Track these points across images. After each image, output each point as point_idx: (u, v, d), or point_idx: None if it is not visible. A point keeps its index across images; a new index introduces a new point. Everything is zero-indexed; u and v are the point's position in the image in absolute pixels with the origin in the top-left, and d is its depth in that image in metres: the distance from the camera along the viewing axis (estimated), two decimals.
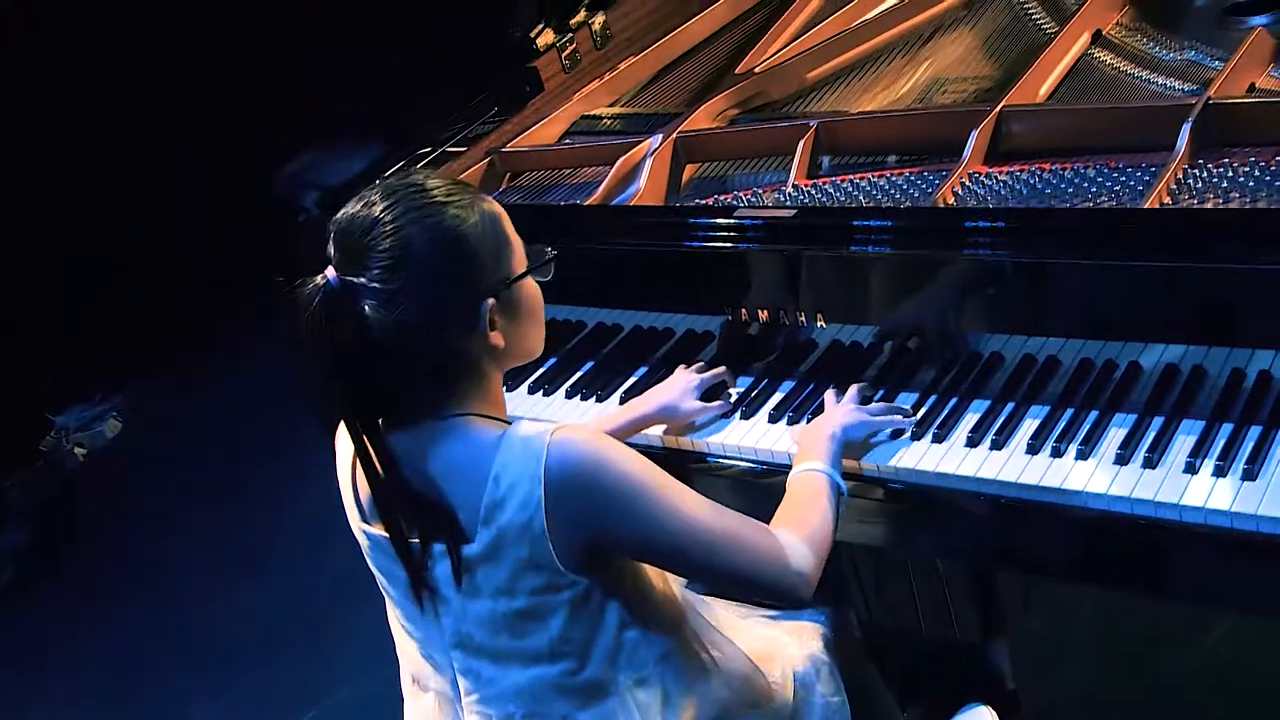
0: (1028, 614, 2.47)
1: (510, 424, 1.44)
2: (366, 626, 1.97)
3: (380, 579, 1.55)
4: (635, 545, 1.42)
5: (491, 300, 1.42)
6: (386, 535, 1.46)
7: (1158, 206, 1.66)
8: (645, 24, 2.78)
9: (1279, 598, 1.48)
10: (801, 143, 2.12)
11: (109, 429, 4.81)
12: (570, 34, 2.65)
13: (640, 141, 2.30)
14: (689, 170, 2.30)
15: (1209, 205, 1.67)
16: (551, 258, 1.51)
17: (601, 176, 2.33)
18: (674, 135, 2.27)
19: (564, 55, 2.64)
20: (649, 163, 2.22)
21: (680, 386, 1.90)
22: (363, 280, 1.36)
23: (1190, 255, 1.54)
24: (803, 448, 1.68)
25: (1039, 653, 2.38)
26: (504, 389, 1.59)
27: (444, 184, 1.42)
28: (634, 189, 2.22)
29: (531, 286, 1.49)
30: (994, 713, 2.19)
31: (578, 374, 2.13)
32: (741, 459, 1.87)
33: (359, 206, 1.40)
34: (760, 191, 2.13)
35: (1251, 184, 1.68)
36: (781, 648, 1.70)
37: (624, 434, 1.85)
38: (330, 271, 1.38)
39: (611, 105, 2.63)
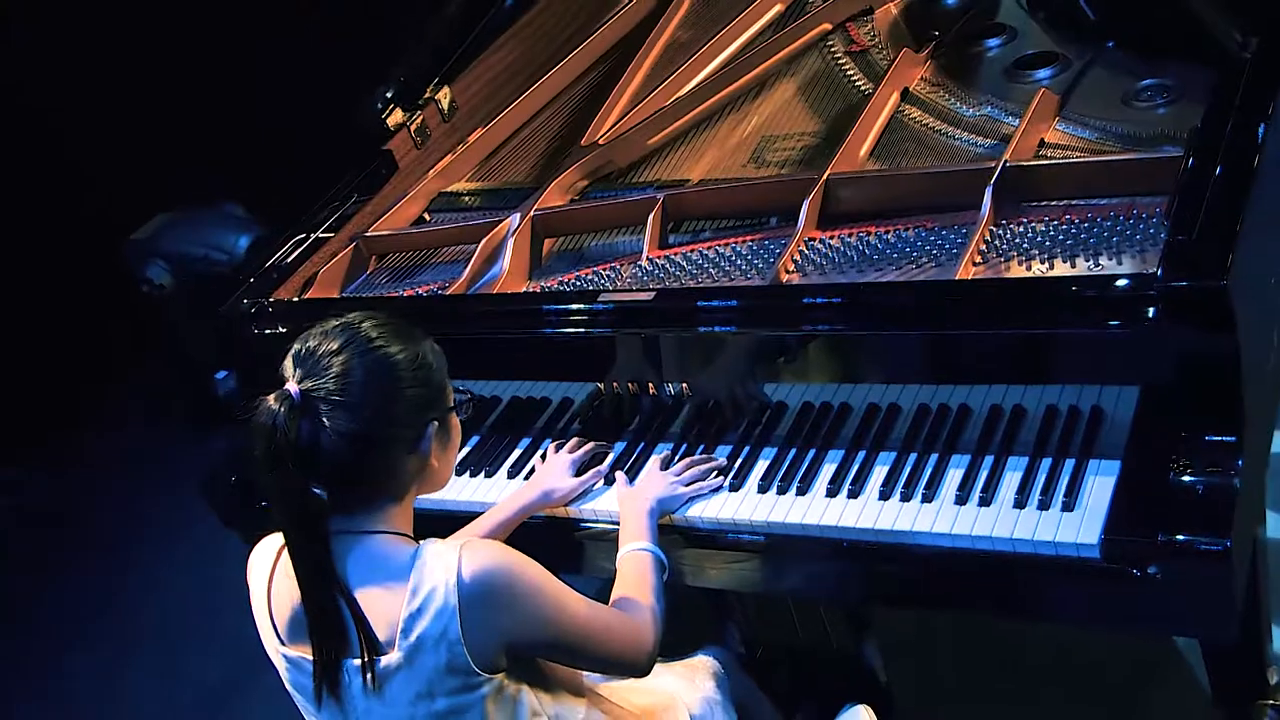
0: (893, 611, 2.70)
1: (409, 537, 1.60)
2: None
3: (300, 700, 1.67)
4: (538, 643, 1.60)
5: (436, 422, 1.59)
6: (305, 655, 1.59)
7: (970, 277, 1.89)
8: (488, 92, 2.91)
9: (1107, 611, 1.72)
10: (651, 216, 2.30)
11: None
12: (418, 110, 2.77)
13: (499, 220, 2.45)
14: (548, 244, 2.46)
15: (1013, 264, 1.91)
16: (471, 398, 1.72)
17: (465, 255, 2.48)
18: (531, 214, 2.42)
19: (414, 132, 2.76)
20: (510, 244, 2.37)
21: (557, 470, 2.07)
22: (323, 393, 1.51)
23: (1002, 322, 1.76)
24: (624, 525, 1.90)
25: (905, 645, 2.62)
26: None
27: (387, 324, 1.61)
28: (498, 269, 2.37)
29: (456, 421, 1.67)
30: (871, 710, 2.43)
31: (465, 450, 2.27)
32: (603, 520, 2.05)
33: (318, 340, 1.56)
34: (618, 266, 2.30)
35: (1048, 243, 1.93)
36: (676, 696, 1.89)
37: (514, 524, 2.01)
38: (292, 385, 1.53)
39: (467, 180, 2.76)
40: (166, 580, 3.90)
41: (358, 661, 1.56)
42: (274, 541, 1.66)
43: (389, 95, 2.73)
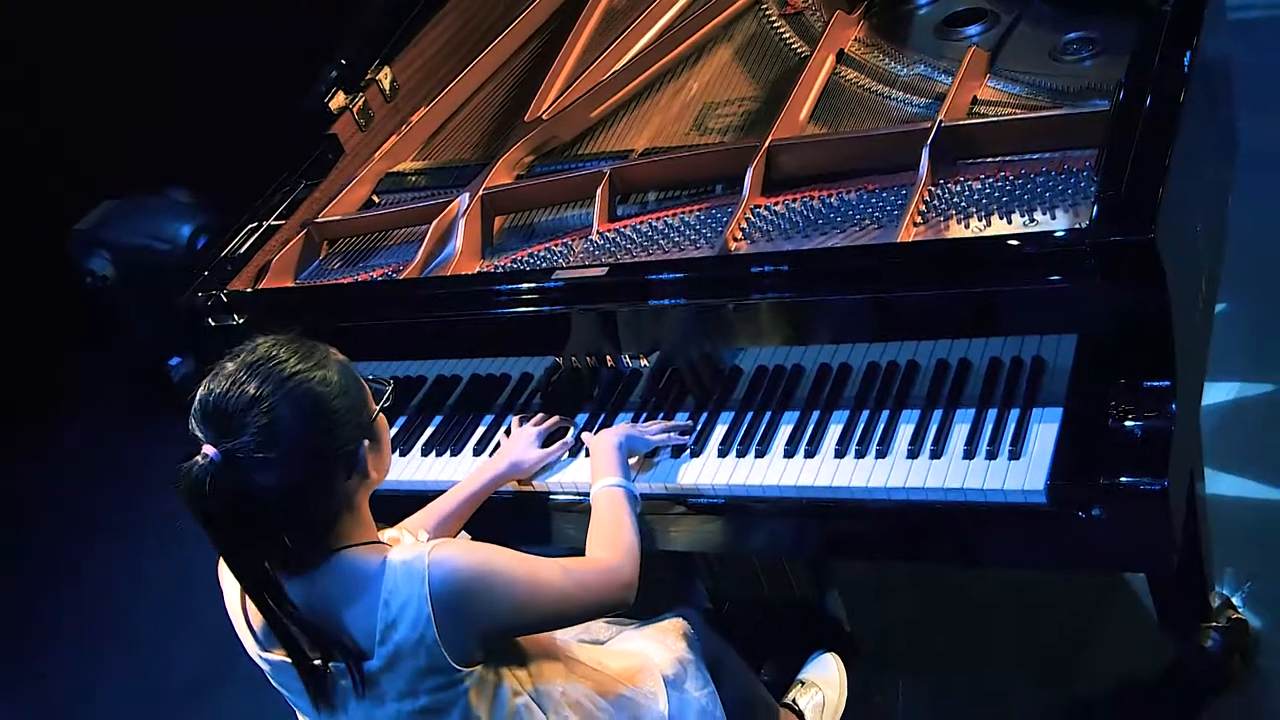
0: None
1: (382, 543, 1.63)
2: None
3: (287, 696, 1.72)
4: (516, 627, 1.65)
5: (366, 441, 1.58)
6: (285, 659, 1.62)
7: (911, 238, 1.95)
8: (429, 70, 2.92)
9: (1056, 553, 1.80)
10: (599, 190, 2.34)
11: None
12: (360, 92, 2.78)
13: (449, 200, 2.48)
14: (498, 221, 2.50)
15: (952, 223, 1.98)
16: (391, 389, 1.66)
17: (417, 236, 2.51)
18: (480, 193, 2.45)
19: (357, 114, 2.77)
20: (461, 225, 2.40)
21: (523, 442, 2.11)
22: (247, 452, 1.46)
23: (944, 282, 1.83)
24: (594, 464, 1.95)
25: (866, 592, 2.71)
26: None
27: (296, 348, 1.54)
28: (451, 249, 2.40)
29: (383, 419, 1.65)
30: (837, 657, 2.53)
31: (429, 431, 2.32)
32: (570, 492, 2.10)
33: (227, 385, 1.48)
34: (569, 241, 2.34)
35: (984, 200, 1.99)
36: (649, 658, 1.95)
37: (484, 496, 2.06)
38: (209, 449, 1.47)
39: (413, 159, 2.78)
40: (131, 570, 3.90)
41: (342, 666, 1.60)
42: None
43: (331, 78, 2.74)
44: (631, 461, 2.01)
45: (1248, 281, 2.86)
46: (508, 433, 2.20)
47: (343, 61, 2.78)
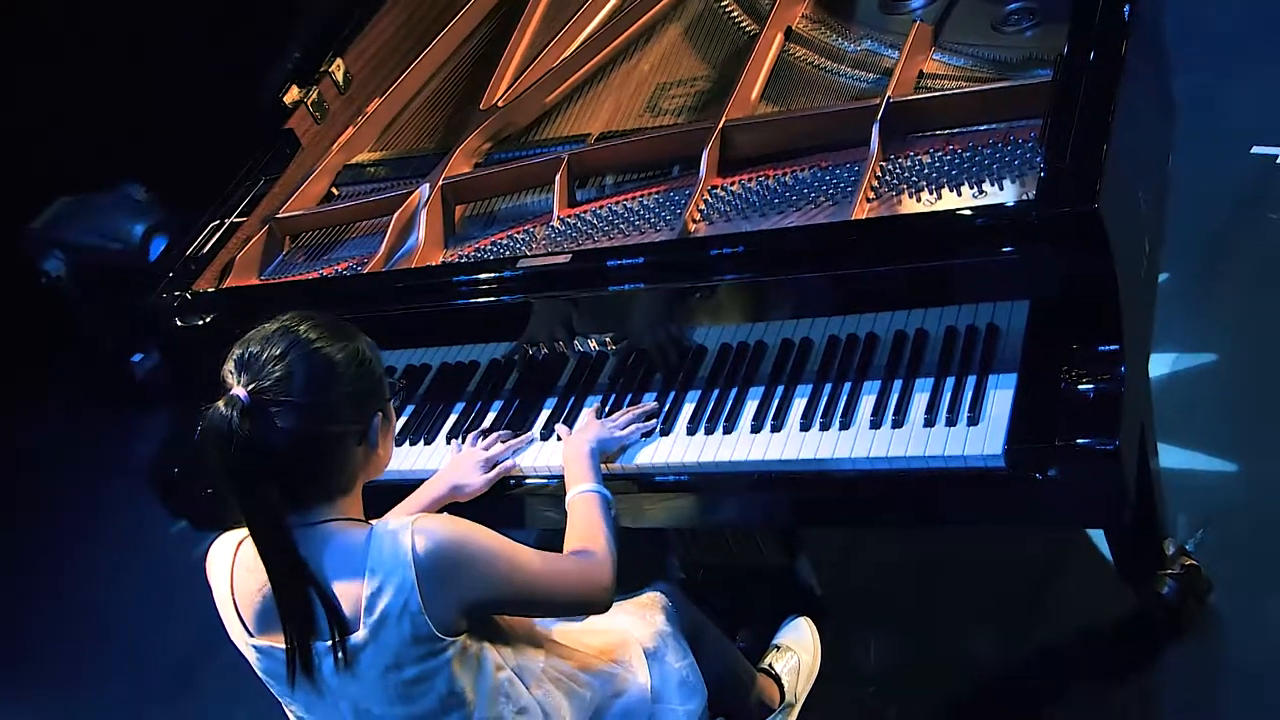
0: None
1: (365, 521, 1.69)
2: None
3: (273, 686, 1.76)
4: (496, 601, 1.71)
5: (380, 414, 1.68)
6: (274, 644, 1.67)
7: (865, 215, 2.01)
8: (381, 58, 2.93)
9: (1016, 513, 1.88)
10: (558, 177, 2.38)
11: None
12: (313, 85, 2.79)
13: (409, 192, 2.51)
14: (459, 210, 2.53)
15: (904, 198, 2.04)
16: (405, 384, 1.83)
17: (379, 227, 2.54)
18: (440, 183, 2.48)
19: (311, 106, 2.78)
20: (423, 216, 2.43)
21: (468, 465, 2.14)
22: (270, 396, 1.58)
23: (898, 256, 1.89)
24: (568, 469, 2.00)
25: (835, 555, 2.78)
26: None
27: (324, 324, 1.66)
28: (414, 240, 2.43)
29: (392, 409, 1.75)
30: (810, 620, 2.60)
31: (401, 421, 2.35)
32: (542, 476, 2.15)
33: (259, 344, 1.62)
34: (531, 228, 2.38)
35: (934, 174, 2.05)
36: (628, 633, 2.01)
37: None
38: (239, 390, 1.58)
39: (370, 150, 2.80)
40: (102, 566, 3.92)
41: (327, 643, 1.65)
42: (230, 539, 1.74)
43: (284, 71, 2.75)
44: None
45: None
46: (451, 433, 2.24)
47: (295, 54, 2.80)
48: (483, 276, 2.18)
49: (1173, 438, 2.54)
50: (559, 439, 2.14)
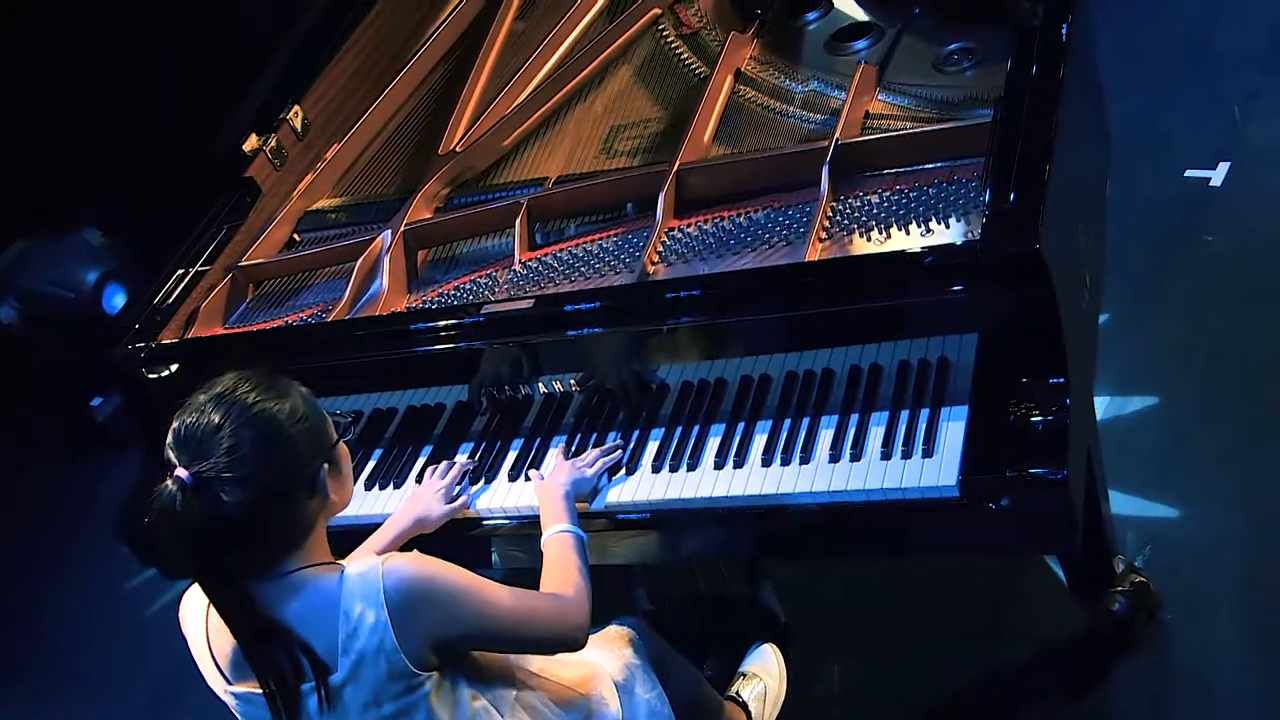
0: None
1: (335, 563, 1.72)
2: None
3: None
4: (467, 637, 1.74)
5: (326, 464, 1.70)
6: (253, 690, 1.70)
7: (818, 256, 2.08)
8: (338, 104, 2.97)
9: (970, 541, 1.95)
10: (517, 221, 2.43)
11: None
12: (271, 132, 2.82)
13: (372, 238, 2.55)
14: (421, 254, 2.58)
15: (855, 238, 2.11)
16: (353, 420, 1.80)
17: (342, 273, 2.58)
18: (402, 230, 2.53)
19: (271, 154, 2.82)
20: (386, 262, 2.48)
21: (428, 496, 2.19)
22: (215, 473, 1.59)
23: (850, 296, 1.96)
24: (543, 511, 2.04)
25: (797, 581, 2.84)
26: None
27: (257, 380, 1.67)
28: (378, 286, 2.48)
29: (344, 448, 1.77)
30: (775, 646, 2.66)
31: (370, 464, 2.39)
32: (510, 517, 2.20)
33: (195, 416, 1.62)
34: (494, 272, 2.42)
35: (883, 214, 2.13)
36: (599, 665, 2.06)
37: (391, 549, 2.12)
38: (181, 471, 1.60)
39: (331, 196, 2.84)
40: (67, 605, 3.91)
41: (308, 684, 1.68)
42: (200, 589, 1.75)
43: (242, 120, 2.79)
44: None
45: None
46: (420, 476, 2.28)
47: (253, 102, 2.83)
48: (448, 323, 2.22)
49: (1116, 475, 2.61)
50: (526, 479, 2.18)
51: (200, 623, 1.75)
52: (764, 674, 2.58)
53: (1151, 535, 2.58)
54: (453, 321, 2.22)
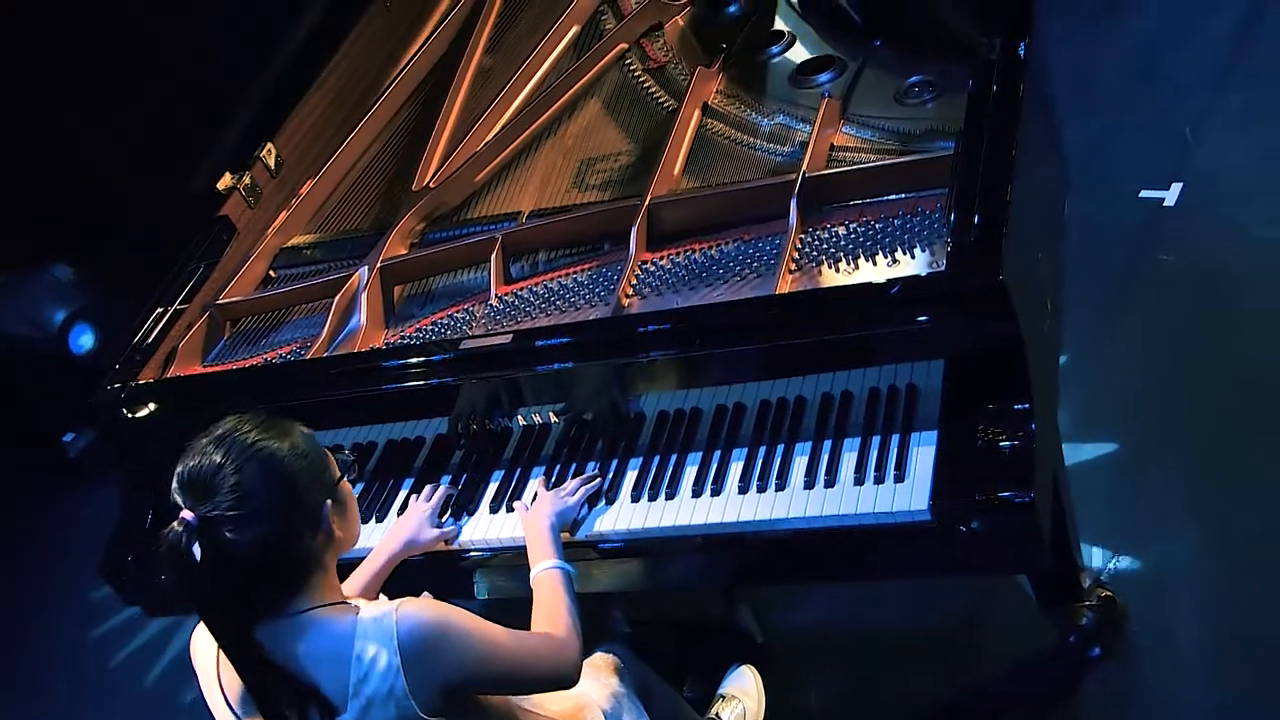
0: None
1: (348, 604, 1.75)
2: None
3: None
4: (475, 682, 1.78)
5: (330, 501, 1.73)
6: None
7: (789, 288, 2.14)
8: (310, 140, 3.01)
9: (941, 563, 2.01)
10: (493, 257, 2.48)
11: None
12: (245, 170, 2.86)
13: (349, 275, 2.59)
14: (398, 290, 2.62)
15: (824, 269, 2.17)
16: (356, 458, 1.81)
17: (318, 310, 2.62)
18: (379, 266, 2.57)
19: (244, 191, 2.85)
20: (364, 299, 2.52)
21: (416, 520, 2.23)
22: (219, 513, 1.63)
23: (819, 327, 2.02)
24: (531, 546, 2.08)
25: (773, 602, 2.90)
26: None
27: (257, 421, 1.71)
28: (356, 322, 2.51)
29: (347, 485, 1.81)
30: (753, 667, 2.71)
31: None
32: (492, 549, 2.24)
33: (198, 459, 1.66)
34: (471, 307, 2.47)
35: (850, 245, 2.19)
36: (587, 695, 2.10)
37: (385, 574, 2.17)
38: (187, 514, 1.64)
39: (305, 233, 2.87)
40: (42, 641, 3.90)
41: None
42: None
43: (216, 159, 2.82)
44: None
45: None
46: (402, 509, 2.32)
47: (227, 141, 2.87)
48: (427, 359, 2.26)
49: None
50: (508, 511, 2.22)
51: (211, 658, 1.77)
52: (743, 695, 2.62)
53: (1116, 551, 2.64)
54: (434, 357, 2.26)
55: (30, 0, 3.80)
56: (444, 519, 2.26)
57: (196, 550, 1.61)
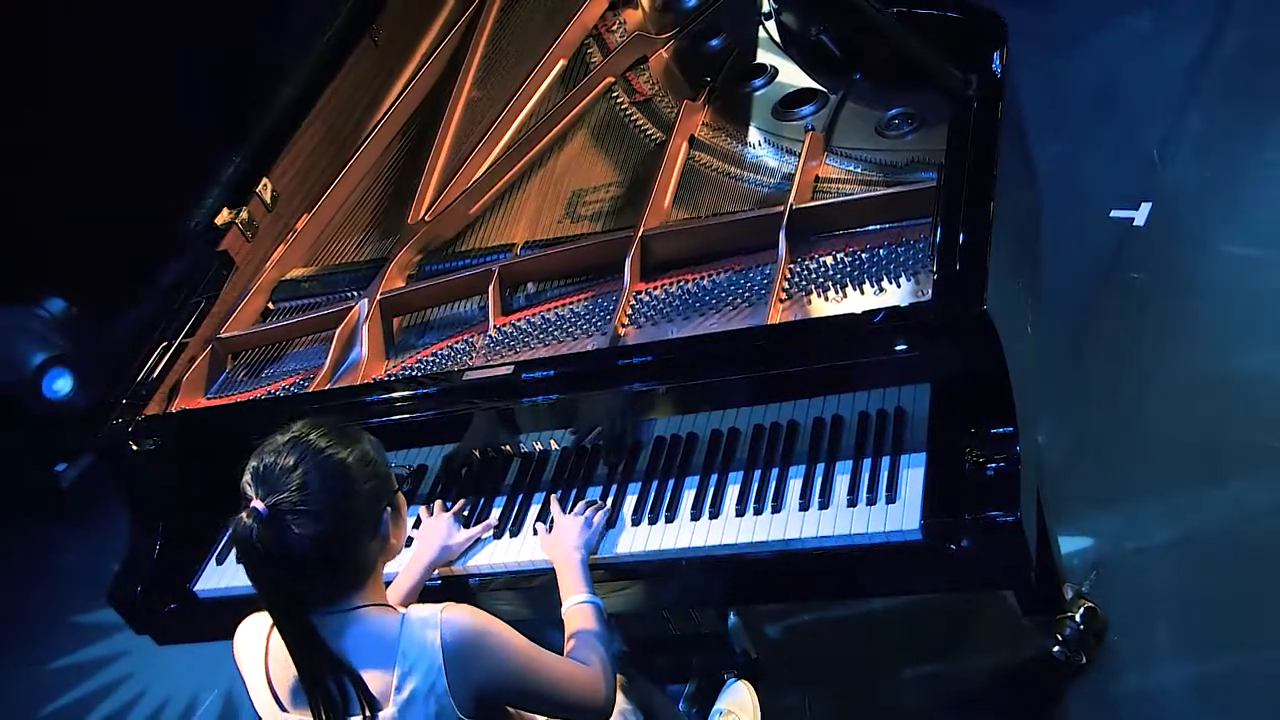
0: None
1: (391, 607, 1.85)
2: None
3: None
4: (511, 690, 1.86)
5: (389, 508, 1.84)
6: (307, 718, 1.80)
7: (779, 318, 2.23)
8: (304, 173, 3.07)
9: (932, 580, 2.09)
10: (490, 288, 2.55)
11: None
12: (241, 206, 2.91)
13: (349, 308, 2.65)
14: (396, 321, 2.69)
15: (813, 298, 2.26)
16: (410, 473, 2.04)
17: (318, 341, 2.68)
18: (378, 299, 2.63)
19: (242, 226, 2.91)
20: (364, 331, 2.58)
21: (444, 526, 2.32)
22: (290, 505, 1.73)
23: (809, 355, 2.11)
24: (562, 577, 2.15)
25: (767, 618, 2.98)
26: None
27: (328, 430, 1.81)
28: (357, 354, 2.58)
29: (402, 498, 1.92)
30: (748, 682, 2.78)
31: None
32: (505, 571, 2.31)
33: (273, 457, 1.76)
34: (470, 338, 2.54)
35: (838, 275, 2.28)
36: None
37: (423, 582, 2.26)
38: (258, 503, 1.73)
39: (303, 265, 2.93)
40: (37, 673, 3.93)
41: (358, 717, 1.79)
42: (259, 621, 1.87)
43: (214, 195, 2.88)
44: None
45: None
46: (416, 525, 2.38)
47: (222, 178, 2.92)
48: (432, 390, 2.33)
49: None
50: (511, 536, 2.29)
51: (259, 652, 1.85)
52: (738, 709, 2.70)
53: (1096, 563, 2.74)
54: (442, 387, 2.33)
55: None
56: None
57: (263, 538, 1.71)
